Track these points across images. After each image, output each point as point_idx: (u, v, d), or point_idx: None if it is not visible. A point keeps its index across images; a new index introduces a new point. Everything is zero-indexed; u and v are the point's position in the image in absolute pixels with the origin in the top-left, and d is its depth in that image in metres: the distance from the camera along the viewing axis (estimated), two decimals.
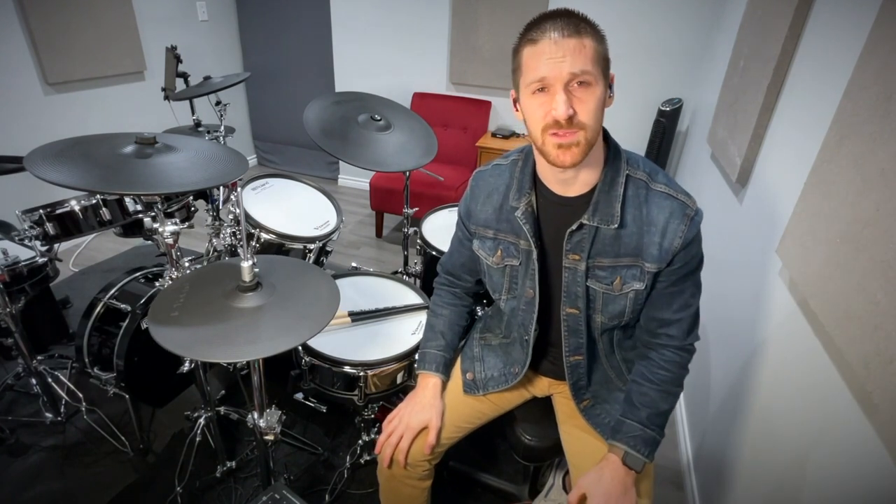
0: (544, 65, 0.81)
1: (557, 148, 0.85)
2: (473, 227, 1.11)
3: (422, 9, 3.26)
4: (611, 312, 1.02)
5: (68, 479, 1.58)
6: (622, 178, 0.94)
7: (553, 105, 0.82)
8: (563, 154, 0.85)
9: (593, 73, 0.81)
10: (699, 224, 0.94)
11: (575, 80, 0.81)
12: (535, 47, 0.83)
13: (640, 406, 1.02)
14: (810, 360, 1.04)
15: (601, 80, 0.84)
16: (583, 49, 0.80)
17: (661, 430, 1.02)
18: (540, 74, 0.82)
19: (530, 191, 1.00)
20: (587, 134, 0.84)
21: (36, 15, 2.54)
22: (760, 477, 1.18)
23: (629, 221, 0.94)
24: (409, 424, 1.11)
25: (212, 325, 0.93)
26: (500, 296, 1.13)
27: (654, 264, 0.94)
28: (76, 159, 1.04)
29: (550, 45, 0.81)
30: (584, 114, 0.83)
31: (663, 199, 0.93)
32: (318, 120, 1.63)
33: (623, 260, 0.97)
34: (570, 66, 0.80)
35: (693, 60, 2.83)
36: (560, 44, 0.80)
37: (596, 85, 0.83)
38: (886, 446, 0.77)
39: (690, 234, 0.92)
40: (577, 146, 0.84)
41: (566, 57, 0.80)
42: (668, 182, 0.95)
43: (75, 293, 2.43)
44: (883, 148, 0.85)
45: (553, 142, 0.85)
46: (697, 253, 0.96)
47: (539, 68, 0.82)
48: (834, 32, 1.20)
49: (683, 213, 0.92)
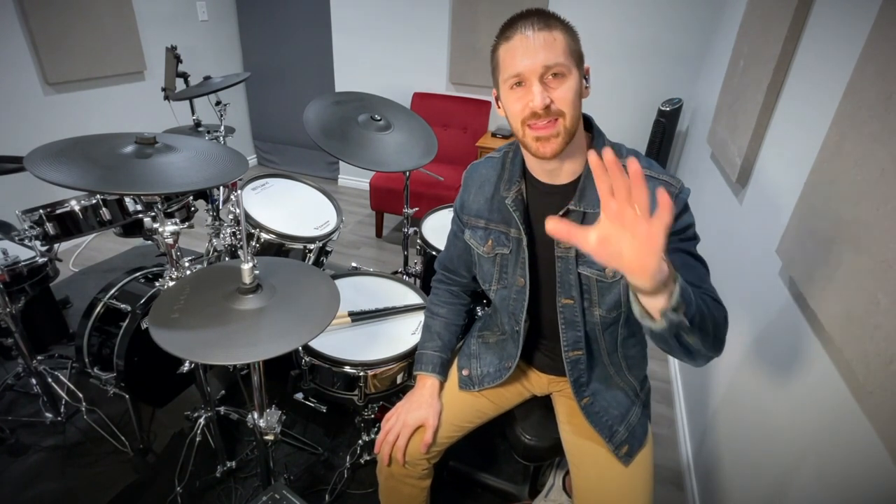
0: (519, 60, 0.86)
1: (536, 141, 0.89)
2: (466, 218, 1.13)
3: (422, 9, 3.26)
4: (608, 303, 1.02)
5: (68, 479, 1.58)
6: None
7: (530, 97, 0.85)
8: (542, 146, 0.89)
9: (566, 64, 0.85)
10: (685, 200, 0.92)
11: (549, 73, 0.85)
12: (509, 44, 0.87)
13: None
14: (810, 360, 1.04)
15: (575, 71, 0.87)
16: (554, 42, 0.85)
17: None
18: (516, 70, 0.86)
19: (520, 180, 1.02)
20: (565, 122, 0.87)
21: (36, 15, 2.54)
22: (760, 477, 1.18)
23: None
24: (406, 422, 1.12)
25: (212, 328, 0.93)
26: (491, 286, 1.14)
27: None
28: (76, 159, 1.04)
29: (523, 41, 0.85)
30: (560, 102, 0.86)
31: (646, 181, 0.92)
32: (318, 120, 1.63)
33: None
34: (544, 59, 0.84)
35: (693, 60, 2.83)
36: (532, 38, 0.85)
37: (570, 75, 0.86)
38: (886, 446, 0.77)
39: (678, 209, 0.90)
40: (556, 137, 0.88)
41: (539, 51, 0.84)
42: (651, 166, 0.96)
43: (75, 293, 2.43)
44: (883, 148, 0.85)
45: (532, 135, 0.89)
46: (691, 223, 0.92)
47: (515, 64, 0.86)
48: (834, 32, 1.20)
49: (667, 192, 0.90)
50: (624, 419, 1.10)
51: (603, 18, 2.89)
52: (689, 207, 0.95)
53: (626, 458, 1.06)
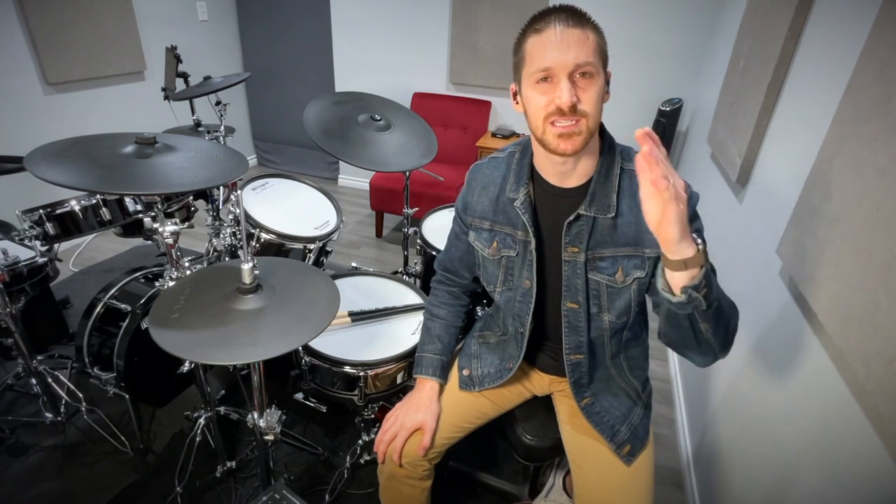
0: (549, 54, 0.83)
1: (558, 137, 0.87)
2: (469, 219, 1.12)
3: (422, 9, 3.26)
4: (618, 309, 1.01)
5: (68, 479, 1.58)
6: (617, 170, 0.95)
7: (557, 93, 0.84)
8: (563, 142, 0.87)
9: (595, 64, 0.84)
10: (695, 205, 0.92)
11: (578, 71, 0.83)
12: (539, 37, 0.85)
13: None
14: (810, 361, 1.04)
15: (601, 73, 0.86)
16: (587, 40, 0.83)
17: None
18: (545, 64, 0.84)
19: (528, 181, 1.01)
20: (588, 122, 0.86)
21: (36, 15, 2.54)
22: (760, 477, 1.18)
23: (625, 210, 0.95)
24: (404, 424, 1.12)
25: (212, 328, 0.93)
26: (495, 288, 1.13)
27: (654, 249, 0.93)
28: (76, 159, 1.03)
29: (556, 35, 0.83)
30: (587, 102, 0.84)
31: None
32: (318, 120, 1.63)
33: (623, 250, 0.97)
34: (575, 57, 0.82)
35: (693, 60, 2.83)
36: (565, 34, 0.82)
37: (598, 76, 0.85)
38: (886, 446, 0.78)
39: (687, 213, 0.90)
40: (578, 135, 0.86)
41: (571, 47, 0.82)
42: None
43: (75, 293, 2.43)
44: (883, 148, 0.85)
45: (553, 131, 0.87)
46: (699, 227, 0.92)
47: (544, 58, 0.84)
48: (834, 32, 1.19)
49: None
50: (626, 419, 1.10)
51: (603, 18, 2.84)
52: (698, 213, 0.94)
53: (629, 458, 1.06)
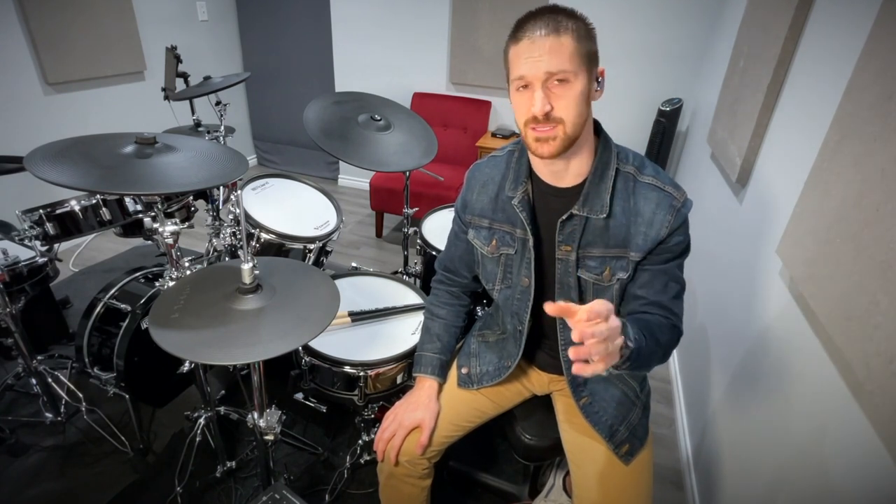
0: (523, 64, 0.86)
1: (535, 141, 0.90)
2: (469, 218, 1.13)
3: (422, 9, 3.26)
4: None
5: (68, 479, 1.58)
6: (612, 171, 0.96)
7: (532, 102, 0.86)
8: (540, 146, 0.90)
9: (571, 70, 0.85)
10: (686, 215, 0.96)
11: (553, 78, 0.85)
12: (516, 46, 0.87)
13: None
14: (810, 360, 1.04)
15: (582, 76, 0.86)
16: (560, 47, 0.84)
17: (642, 342, 0.87)
18: (520, 73, 0.87)
19: (526, 180, 1.03)
20: (566, 128, 0.88)
21: (36, 15, 2.54)
22: (760, 476, 1.18)
23: (618, 212, 0.97)
24: (402, 423, 1.13)
25: (212, 328, 0.93)
26: (494, 286, 1.14)
27: (638, 253, 0.97)
28: (76, 159, 1.03)
29: (528, 46, 0.85)
30: (561, 109, 0.86)
31: (650, 190, 0.96)
32: (318, 120, 1.63)
33: (612, 251, 0.99)
34: (547, 66, 0.84)
35: (693, 60, 2.83)
36: (537, 43, 0.84)
37: (575, 81, 0.86)
38: (886, 446, 0.78)
39: (676, 224, 0.94)
40: (553, 140, 0.89)
41: (542, 57, 0.84)
42: (657, 174, 0.97)
43: (75, 293, 2.43)
44: (883, 148, 0.85)
45: (532, 135, 0.90)
46: (683, 240, 0.98)
47: (520, 67, 0.87)
48: (834, 32, 1.20)
49: (670, 205, 0.94)
50: (625, 419, 1.10)
51: (603, 18, 2.87)
52: (688, 222, 0.97)
53: (627, 458, 1.07)
